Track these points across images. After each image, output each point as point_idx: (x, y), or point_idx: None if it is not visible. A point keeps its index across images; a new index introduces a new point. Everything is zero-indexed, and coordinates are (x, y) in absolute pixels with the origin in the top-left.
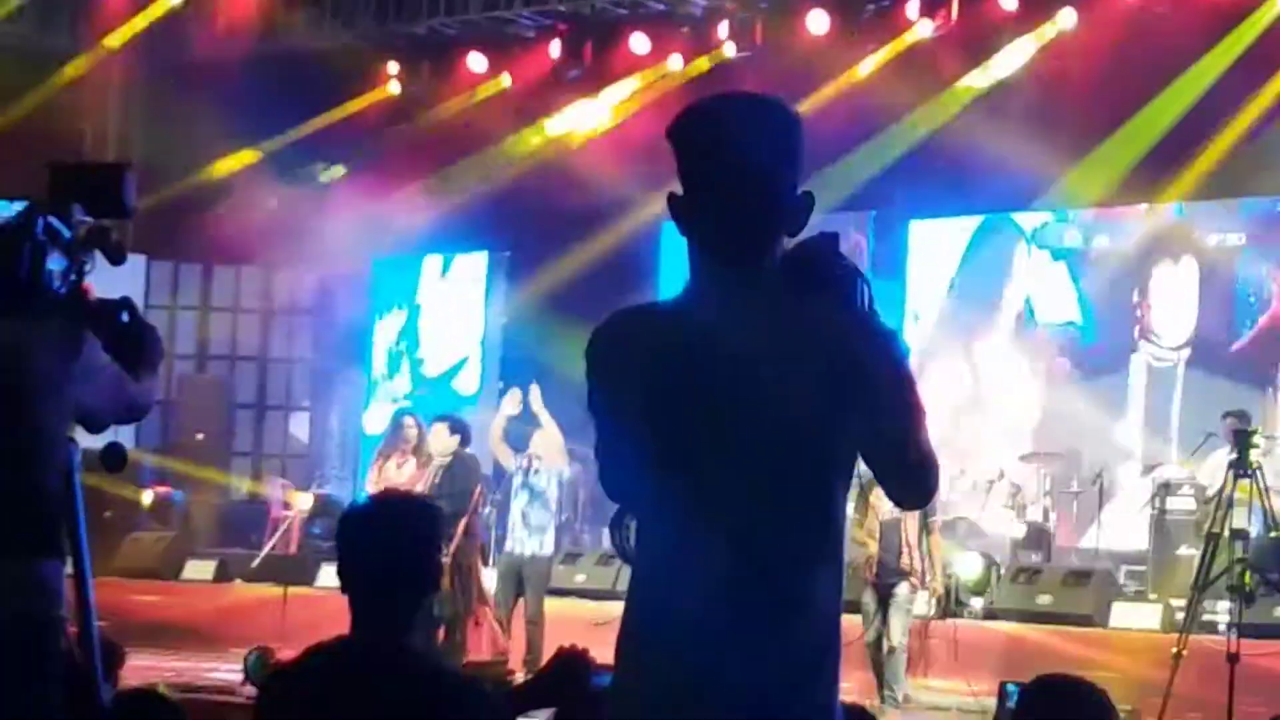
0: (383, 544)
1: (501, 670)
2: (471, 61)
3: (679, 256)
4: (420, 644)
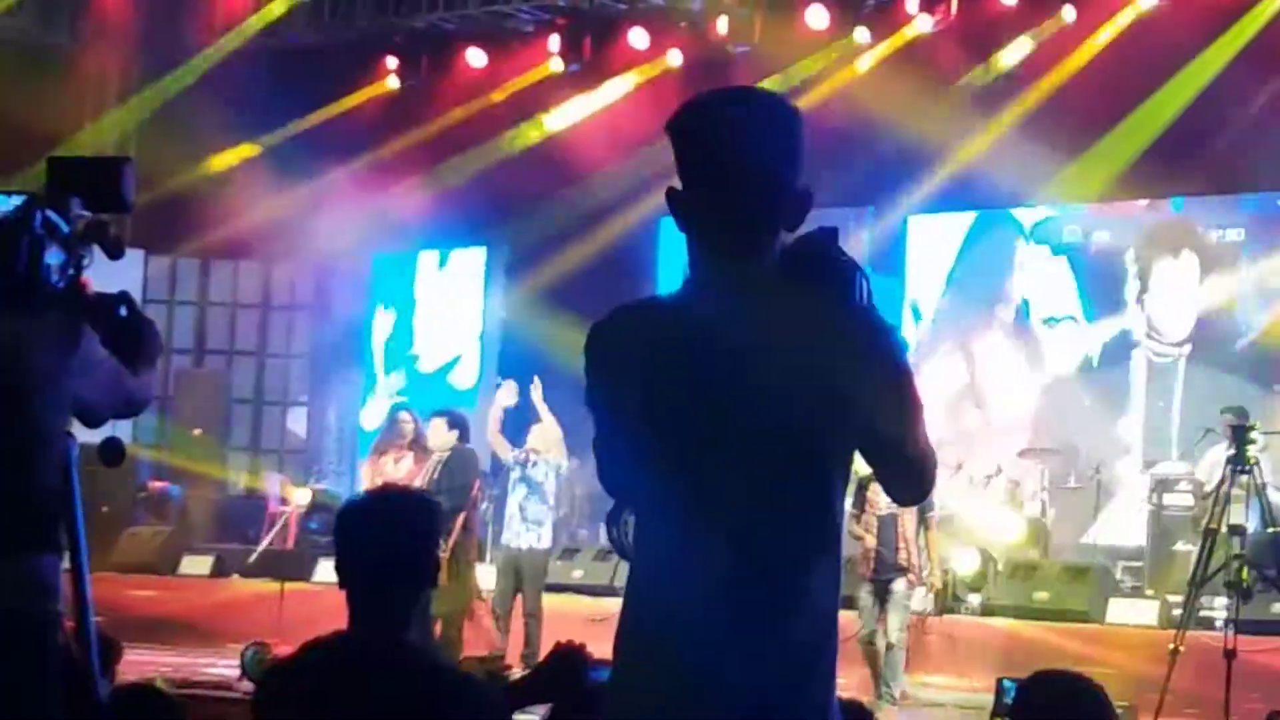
0: (380, 539)
1: (498, 665)
2: (470, 56)
3: (678, 251)
4: (418, 639)
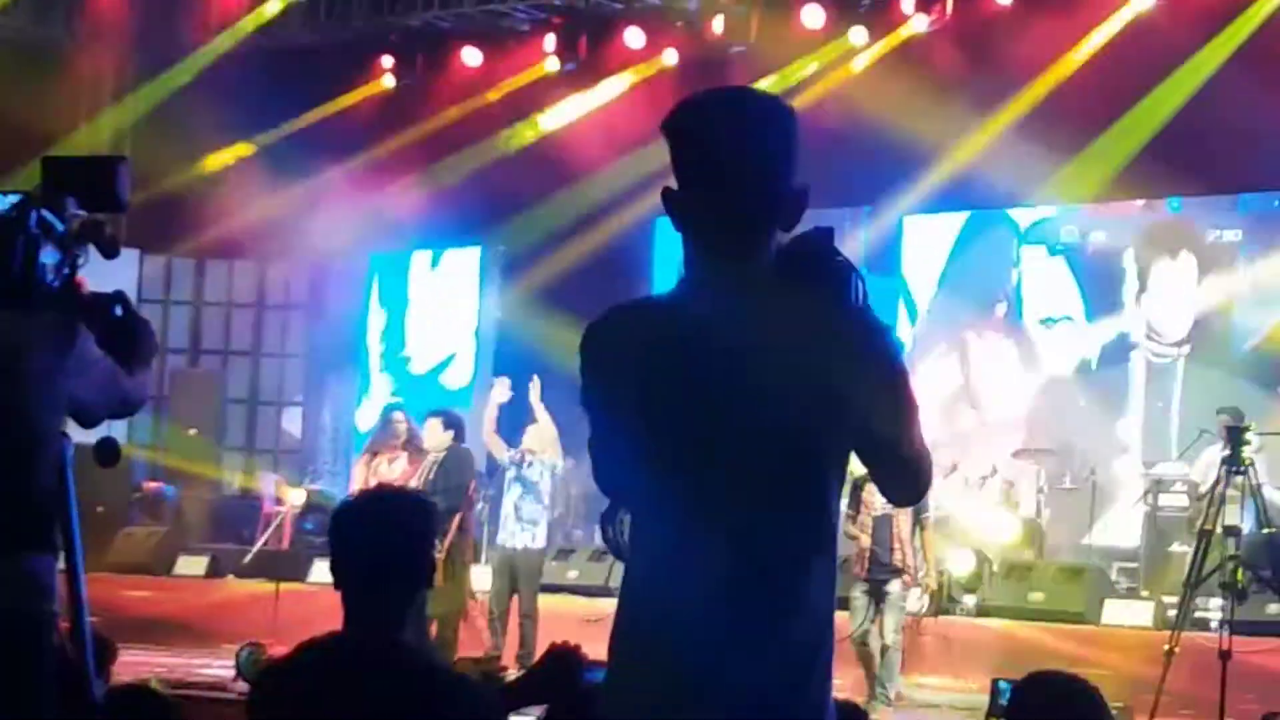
0: (376, 539)
1: (494, 666)
2: (465, 55)
3: (673, 251)
4: (413, 640)
